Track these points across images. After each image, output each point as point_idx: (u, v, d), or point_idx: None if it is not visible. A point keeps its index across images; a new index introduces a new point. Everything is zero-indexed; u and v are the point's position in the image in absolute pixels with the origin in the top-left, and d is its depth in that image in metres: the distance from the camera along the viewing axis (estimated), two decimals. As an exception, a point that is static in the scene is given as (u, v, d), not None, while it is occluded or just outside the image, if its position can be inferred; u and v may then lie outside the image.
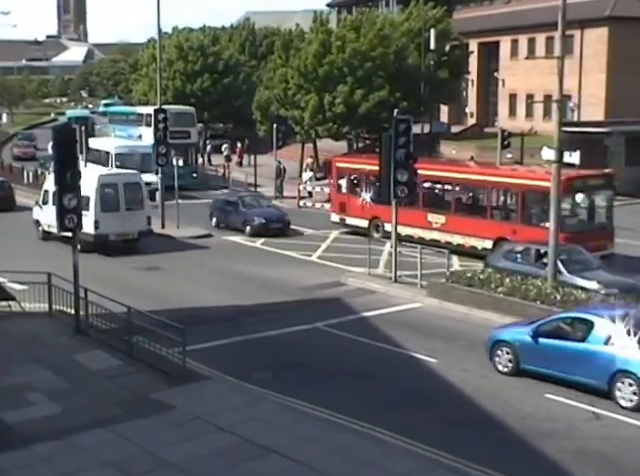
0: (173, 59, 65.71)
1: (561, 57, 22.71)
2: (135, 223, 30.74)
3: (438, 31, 51.92)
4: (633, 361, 15.68)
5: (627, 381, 15.71)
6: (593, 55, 56.35)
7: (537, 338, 17.33)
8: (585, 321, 16.96)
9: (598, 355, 16.26)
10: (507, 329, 18.61)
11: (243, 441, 13.80)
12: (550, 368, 17.05)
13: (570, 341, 16.94)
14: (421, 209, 31.25)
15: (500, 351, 17.97)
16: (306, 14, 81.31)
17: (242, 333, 20.87)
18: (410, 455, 13.56)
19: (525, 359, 17.50)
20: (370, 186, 33.43)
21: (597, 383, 16.26)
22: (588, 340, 16.55)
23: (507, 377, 17.70)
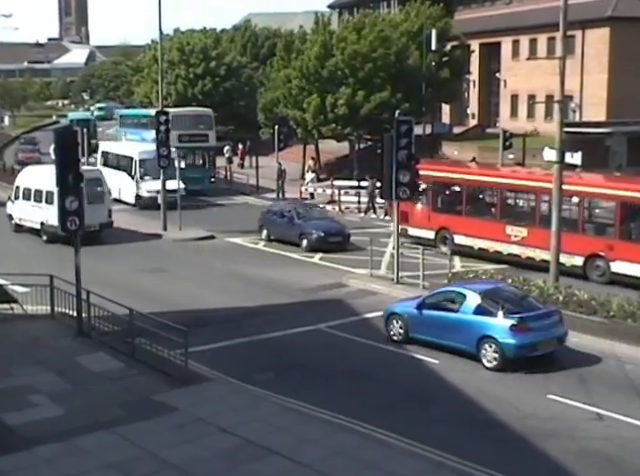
0: (175, 61, 65.71)
1: (563, 57, 22.74)
2: (97, 216, 32.07)
3: (438, 30, 51.88)
4: (495, 328, 18.04)
5: (490, 345, 18.04)
6: (595, 55, 56.27)
7: (421, 310, 19.60)
8: (460, 294, 19.18)
9: (468, 323, 18.57)
10: (399, 303, 20.89)
11: (245, 442, 13.80)
12: (432, 336, 19.32)
13: (447, 312, 19.21)
14: (498, 220, 28.86)
15: (393, 322, 20.20)
16: (307, 15, 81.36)
17: (244, 335, 20.86)
18: (413, 456, 13.56)
19: (412, 328, 19.75)
20: (438, 194, 31.45)
21: (467, 347, 18.55)
22: (461, 311, 18.83)
23: (510, 379, 17.69)
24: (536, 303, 19.43)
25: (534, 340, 18.08)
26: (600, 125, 48.21)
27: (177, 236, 35.01)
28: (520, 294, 20.04)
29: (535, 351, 18.15)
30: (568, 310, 20.59)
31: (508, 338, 17.91)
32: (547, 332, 18.43)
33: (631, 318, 19.66)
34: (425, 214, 31.36)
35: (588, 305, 20.51)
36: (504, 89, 65.01)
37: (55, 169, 19.61)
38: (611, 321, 19.78)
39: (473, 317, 18.60)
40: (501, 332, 18.01)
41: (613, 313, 19.97)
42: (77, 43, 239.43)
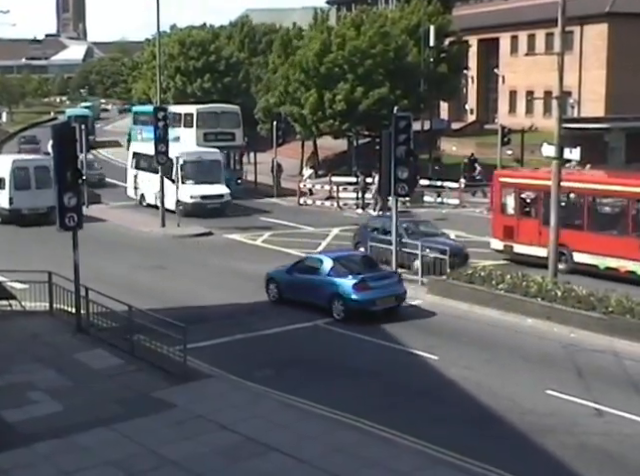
0: (174, 54, 65.64)
1: (561, 53, 22.71)
2: (44, 199, 33.55)
3: (437, 26, 51.82)
4: (342, 286, 21.69)
5: (338, 300, 21.77)
6: (593, 51, 56.30)
7: (291, 274, 23.28)
8: (319, 260, 23.31)
9: (323, 283, 22.28)
10: (275, 269, 24.21)
11: (244, 439, 13.80)
12: (298, 296, 22.89)
13: (309, 275, 22.89)
14: (633, 236, 25.14)
15: (270, 285, 23.74)
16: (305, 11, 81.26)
17: (243, 331, 20.86)
18: (412, 452, 13.57)
19: (284, 290, 23.33)
20: None
21: (323, 303, 22.10)
22: (318, 273, 22.61)
23: (509, 375, 17.71)
24: (381, 267, 23.82)
25: (373, 297, 21.72)
26: (599, 121, 48.27)
27: (175, 232, 35.00)
28: (368, 260, 24.15)
29: (375, 306, 21.75)
30: (567, 306, 20.62)
31: (351, 294, 21.54)
32: (385, 290, 22.08)
33: (630, 314, 19.65)
34: (535, 229, 27.26)
35: (587, 301, 20.50)
36: (502, 85, 65.05)
37: (53, 166, 19.60)
38: (610, 317, 19.78)
39: (327, 278, 22.33)
40: (346, 290, 21.60)
41: (612, 309, 19.95)
42: (75, 39, 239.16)
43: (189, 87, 64.71)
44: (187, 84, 64.92)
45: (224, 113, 47.26)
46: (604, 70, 56.06)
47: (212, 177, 39.15)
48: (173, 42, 66.69)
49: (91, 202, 40.27)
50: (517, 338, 20.33)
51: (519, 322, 21.21)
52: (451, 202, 42.33)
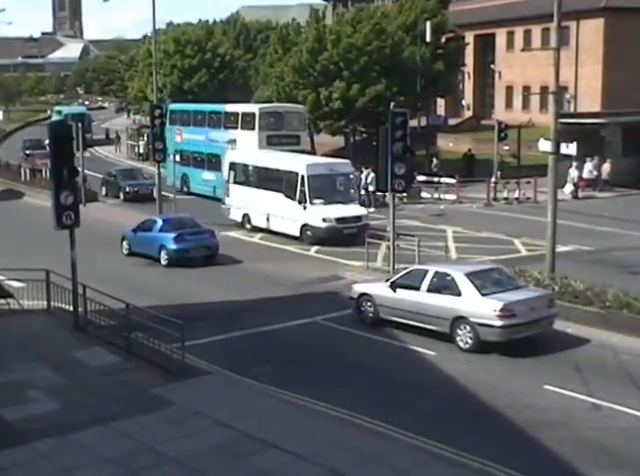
0: (170, 52, 65.63)
1: (557, 48, 22.72)
2: None
3: (434, 23, 51.80)
4: (166, 239, 28.50)
5: (163, 250, 28.52)
6: (589, 46, 56.33)
7: (136, 233, 29.54)
8: (153, 220, 29.99)
9: (156, 238, 28.64)
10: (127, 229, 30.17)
11: (243, 436, 13.83)
12: (140, 249, 29.20)
13: (146, 232, 29.18)
14: None
15: (123, 242, 30.03)
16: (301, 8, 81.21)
17: (241, 328, 20.88)
18: (410, 448, 13.59)
19: (132, 245, 29.61)
20: None
21: (155, 254, 28.58)
22: (153, 230, 29.01)
23: (507, 370, 17.73)
24: (200, 226, 29.76)
25: (188, 247, 28.20)
26: (595, 116, 48.26)
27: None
28: (190, 221, 29.96)
29: (189, 254, 28.12)
30: (564, 301, 20.62)
31: (172, 245, 28.13)
32: (199, 242, 28.64)
33: (627, 308, 19.68)
34: None
35: (584, 296, 20.53)
36: (499, 80, 65.08)
37: (50, 164, 19.59)
38: (607, 311, 19.80)
39: (159, 234, 28.61)
40: (168, 242, 28.20)
41: (609, 303, 19.98)
42: (71, 37, 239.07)
43: (186, 84, 64.76)
44: (184, 80, 64.96)
45: (288, 113, 42.39)
46: (600, 65, 56.10)
47: (343, 194, 32.57)
48: (169, 40, 66.71)
49: (88, 200, 40.25)
50: (514, 333, 20.30)
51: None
52: (448, 198, 42.35)
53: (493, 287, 19.21)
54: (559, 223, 23.92)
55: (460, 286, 18.98)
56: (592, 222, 35.25)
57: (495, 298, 18.56)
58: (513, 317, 18.33)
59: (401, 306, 20.10)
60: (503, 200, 41.40)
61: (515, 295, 18.86)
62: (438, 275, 19.63)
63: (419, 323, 19.76)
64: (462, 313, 18.71)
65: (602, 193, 43.57)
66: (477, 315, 18.46)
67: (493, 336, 18.33)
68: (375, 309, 20.77)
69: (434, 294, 19.42)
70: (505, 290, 19.11)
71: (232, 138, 41.48)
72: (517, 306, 18.48)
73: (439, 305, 19.19)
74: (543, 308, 19.10)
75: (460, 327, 18.77)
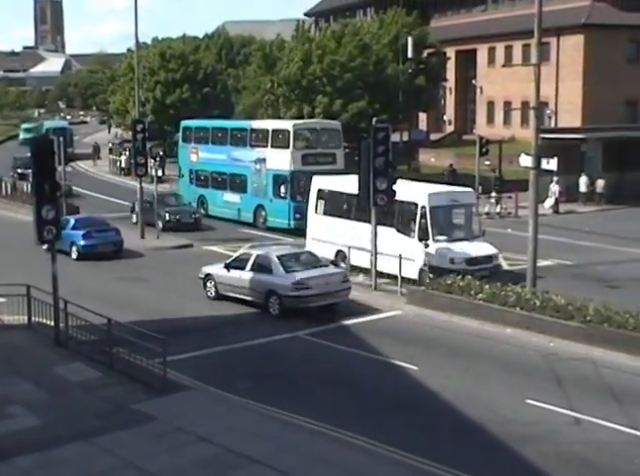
0: (155, 68, 65.67)
1: (537, 64, 22.89)
2: None
3: (415, 38, 52.09)
4: (75, 236, 31.50)
5: (74, 246, 31.27)
6: (569, 62, 56.76)
7: None
8: (67, 220, 31.34)
9: (67, 235, 28.39)
10: None
11: (225, 451, 13.78)
12: None
13: (62, 230, 26.83)
14: None
15: None
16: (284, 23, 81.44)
17: (223, 343, 20.82)
18: (392, 463, 13.59)
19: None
20: None
21: (66, 249, 29.95)
22: (65, 228, 27.48)
23: (489, 384, 17.77)
24: (108, 224, 33.01)
25: (94, 243, 31.47)
26: (575, 131, 48.59)
27: (155, 244, 34.89)
28: (99, 221, 33.36)
29: (96, 249, 31.33)
30: (545, 315, 20.74)
31: (80, 241, 31.20)
32: (104, 239, 31.78)
33: (607, 323, 19.79)
34: None
35: (565, 310, 20.63)
36: (480, 96, 65.41)
37: (32, 178, 19.52)
38: (588, 326, 19.90)
39: (69, 232, 30.08)
40: (77, 238, 31.17)
41: (590, 318, 20.09)
42: (53, 51, 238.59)
43: (168, 98, 64.79)
44: (166, 95, 64.98)
45: (324, 130, 39.37)
46: (580, 81, 56.53)
47: (467, 229, 27.49)
48: (153, 55, 66.71)
49: (69, 213, 40.05)
50: (496, 348, 20.41)
51: (498, 332, 21.30)
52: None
53: (298, 266, 23.71)
54: (540, 238, 24.06)
55: (272, 265, 23.49)
56: (573, 237, 35.47)
57: (295, 274, 23.07)
58: (308, 289, 22.84)
59: (232, 283, 24.37)
60: (485, 215, 41.58)
61: (313, 272, 23.36)
62: (259, 257, 24.06)
63: (245, 296, 24.03)
64: (272, 287, 23.16)
65: (582, 208, 43.90)
66: (281, 288, 22.93)
67: (292, 304, 22.83)
68: (215, 286, 24.99)
69: (255, 273, 23.75)
70: (307, 269, 23.56)
71: (261, 157, 38.47)
72: (312, 280, 22.99)
73: (257, 281, 23.60)
74: (338, 283, 23.64)
75: (270, 298, 23.14)
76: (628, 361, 18.84)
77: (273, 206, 37.62)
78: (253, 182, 38.76)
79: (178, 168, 42.76)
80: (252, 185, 38.80)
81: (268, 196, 37.75)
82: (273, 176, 37.53)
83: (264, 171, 38.06)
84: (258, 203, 38.58)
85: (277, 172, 37.21)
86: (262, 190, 38.21)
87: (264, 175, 38.10)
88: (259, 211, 38.55)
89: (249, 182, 38.94)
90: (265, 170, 38.01)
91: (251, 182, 38.86)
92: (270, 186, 37.69)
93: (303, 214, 32.83)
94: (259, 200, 38.52)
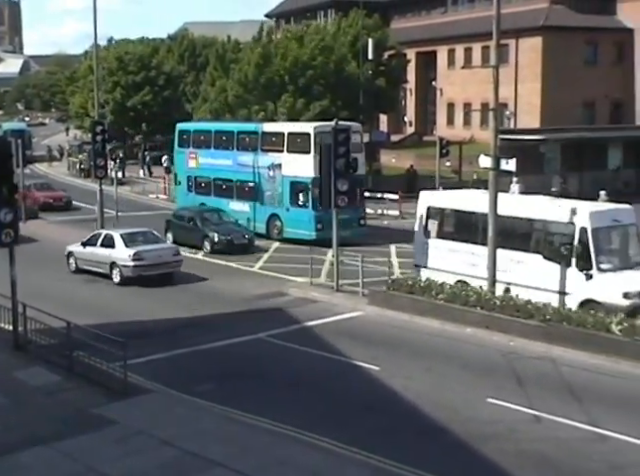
0: (113, 69, 65.20)
1: (496, 66, 23.07)
2: None
3: (375, 40, 52.28)
4: None
5: None
6: (528, 64, 57.34)
7: None
8: None
9: None
10: None
11: (187, 454, 13.72)
12: None
13: None
14: None
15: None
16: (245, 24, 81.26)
17: (185, 345, 20.72)
18: (356, 464, 13.61)
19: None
20: None
21: None
22: None
23: (450, 384, 17.87)
24: None
25: None
26: (534, 132, 49.07)
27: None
28: None
29: None
30: (505, 315, 20.92)
31: None
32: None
33: (566, 321, 20.01)
34: None
35: (525, 309, 20.82)
36: (440, 97, 65.86)
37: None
38: (547, 324, 20.11)
39: None
40: None
41: (549, 317, 20.30)
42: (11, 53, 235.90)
43: (128, 101, 64.40)
44: (126, 98, 64.57)
45: None
46: (539, 82, 57.15)
47: (631, 254, 23.08)
48: (111, 58, 66.30)
49: (29, 217, 39.69)
50: (457, 347, 20.54)
51: (459, 331, 21.44)
52: (391, 213, 42.64)
53: (138, 243, 28.23)
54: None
55: (115, 242, 28.05)
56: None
57: (133, 249, 27.60)
58: (142, 260, 27.40)
59: (86, 258, 29.07)
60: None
61: (149, 247, 28.02)
62: (107, 236, 28.80)
63: (95, 268, 28.58)
64: (114, 259, 27.77)
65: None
66: (121, 260, 27.52)
67: (129, 273, 27.39)
68: (75, 261, 29.60)
69: (102, 248, 28.36)
70: (144, 244, 28.14)
71: (275, 162, 35.56)
72: (145, 254, 27.58)
73: (104, 255, 28.17)
74: (170, 255, 28.50)
75: (113, 269, 27.76)
76: (587, 359, 19.05)
77: (290, 216, 34.86)
78: (266, 190, 36.06)
79: (174, 175, 40.26)
80: (264, 193, 36.12)
81: (284, 205, 35.17)
82: (290, 183, 34.76)
83: (279, 178, 35.32)
84: (272, 212, 35.76)
85: (295, 179, 34.41)
86: (277, 198, 35.51)
87: (279, 182, 35.33)
88: (273, 221, 35.78)
89: (261, 190, 36.25)
90: (280, 177, 35.25)
91: (263, 190, 36.18)
92: (287, 194, 34.99)
93: (325, 224, 30.72)
94: (273, 209, 35.73)
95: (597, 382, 17.94)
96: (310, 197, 33.45)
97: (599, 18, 58.91)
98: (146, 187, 54.72)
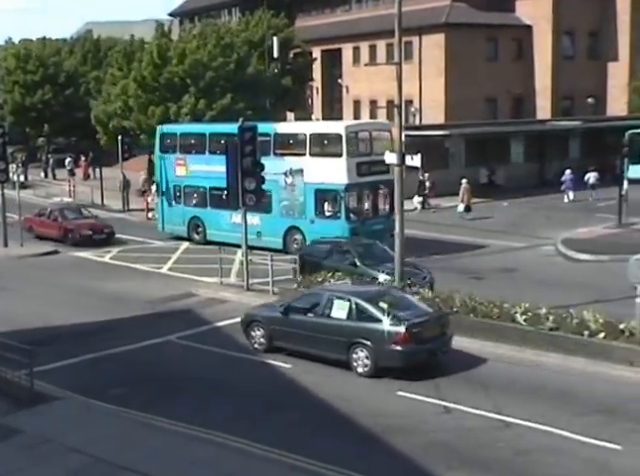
0: (11, 69, 63.72)
1: (399, 63, 23.33)
2: None
3: (281, 39, 52.30)
4: None
5: None
6: (431, 61, 58.12)
7: None
8: None
9: None
10: None
11: (97, 460, 13.53)
12: None
13: None
14: None
15: None
16: (147, 24, 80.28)
17: (93, 350, 20.38)
18: (269, 462, 13.63)
19: None
20: None
21: None
22: None
23: (360, 378, 18.03)
24: None
25: None
26: (439, 128, 49.84)
27: (19, 252, 33.83)
28: None
29: None
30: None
31: None
32: None
33: (473, 313, 20.41)
34: None
35: (432, 302, 21.12)
36: (346, 95, 66.27)
37: None
38: (455, 317, 20.41)
39: None
40: None
41: (456, 309, 20.66)
42: None
43: (28, 100, 63.00)
44: (26, 97, 63.16)
45: (377, 131, 33.08)
46: (442, 79, 57.95)
47: None
48: (9, 56, 64.85)
49: None
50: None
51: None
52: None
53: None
54: (408, 233, 24.58)
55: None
56: (439, 231, 36.42)
57: None
58: None
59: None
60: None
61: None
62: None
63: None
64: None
65: (448, 203, 45.10)
66: None
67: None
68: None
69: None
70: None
71: (294, 168, 31.43)
72: None
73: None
74: None
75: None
76: (493, 349, 19.47)
77: (315, 228, 30.14)
78: (282, 199, 31.84)
79: (156, 184, 35.85)
80: (280, 202, 31.82)
81: (307, 216, 30.84)
82: (316, 191, 30.52)
83: (300, 185, 31.21)
84: (291, 224, 31.62)
85: (322, 186, 30.25)
86: (297, 208, 31.42)
87: (300, 190, 31.21)
88: (292, 234, 31.55)
89: (275, 199, 31.80)
90: (302, 184, 31.07)
91: (278, 199, 31.83)
92: (310, 203, 30.97)
93: None
94: (292, 221, 31.53)
95: (502, 371, 18.33)
96: (343, 206, 29.82)
97: (499, 15, 60.14)
98: (50, 190, 53.66)
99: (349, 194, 29.91)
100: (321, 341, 18.64)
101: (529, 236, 34.81)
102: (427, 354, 18.28)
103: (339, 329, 18.37)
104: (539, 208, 42.29)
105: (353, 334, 18.21)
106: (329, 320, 18.73)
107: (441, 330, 18.72)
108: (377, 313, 18.18)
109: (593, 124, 54.02)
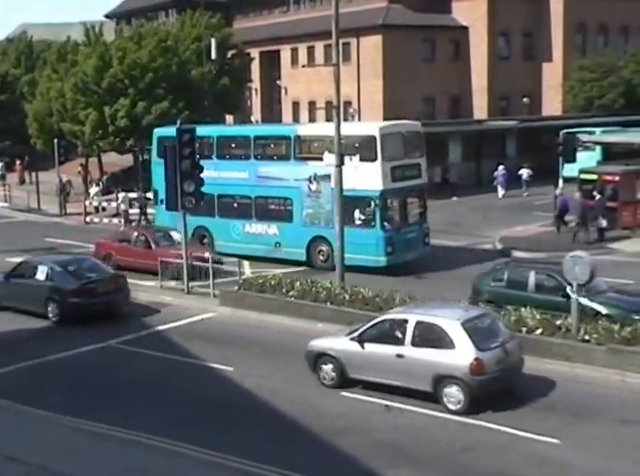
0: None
1: (336, 64, 23.43)
2: None
3: (218, 40, 52.04)
4: None
5: None
6: (369, 62, 58.43)
7: None
8: None
9: None
10: None
11: (37, 469, 13.32)
12: None
13: None
14: None
15: None
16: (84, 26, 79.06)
17: (27, 358, 19.99)
18: (204, 465, 13.60)
19: None
20: None
21: None
22: None
23: (304, 380, 18.02)
24: None
25: None
26: (377, 128, 49.96)
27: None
28: None
29: None
30: (355, 308, 21.26)
31: None
32: None
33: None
34: None
35: (373, 302, 21.24)
36: (285, 96, 66.25)
37: None
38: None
39: None
40: None
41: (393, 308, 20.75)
42: None
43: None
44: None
45: (409, 133, 30.12)
46: (380, 79, 58.31)
47: None
48: None
49: None
50: (309, 343, 20.71)
51: (310, 327, 21.57)
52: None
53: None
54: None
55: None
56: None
57: None
58: None
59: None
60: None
61: None
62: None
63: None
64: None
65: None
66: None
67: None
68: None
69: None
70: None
71: (319, 173, 28.61)
72: None
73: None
74: None
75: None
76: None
77: (345, 238, 25.54)
78: (305, 207, 29.44)
79: (153, 193, 33.47)
80: (303, 211, 29.49)
81: (335, 225, 26.13)
82: (345, 198, 25.63)
83: (326, 192, 28.37)
84: (315, 235, 29.27)
85: (353, 192, 26.91)
86: (323, 217, 28.99)
87: (326, 197, 28.47)
88: (317, 245, 29.25)
89: (296, 207, 29.61)
90: (329, 190, 27.75)
91: (301, 207, 29.52)
92: None
93: (397, 247, 27.58)
94: (317, 230, 29.16)
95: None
96: (377, 215, 27.71)
97: (435, 17, 60.72)
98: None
99: (384, 201, 28.02)
100: None
101: (468, 235, 35.14)
102: None
103: None
104: (477, 207, 42.72)
105: None
106: None
107: None
108: None
109: (529, 124, 54.82)
